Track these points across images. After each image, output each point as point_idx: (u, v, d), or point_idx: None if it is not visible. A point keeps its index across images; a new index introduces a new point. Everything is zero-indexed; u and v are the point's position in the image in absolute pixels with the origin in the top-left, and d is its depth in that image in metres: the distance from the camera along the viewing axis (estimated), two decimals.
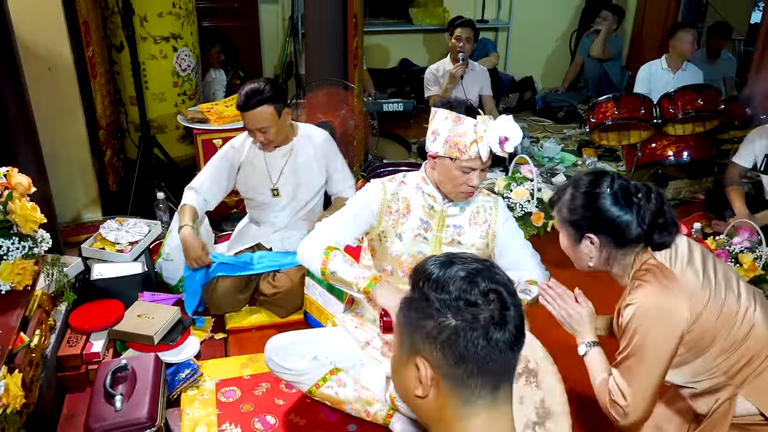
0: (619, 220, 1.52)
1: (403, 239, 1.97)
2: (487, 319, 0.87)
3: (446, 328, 0.87)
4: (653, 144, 4.00)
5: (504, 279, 0.92)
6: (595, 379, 1.64)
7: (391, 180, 2.03)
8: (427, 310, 0.89)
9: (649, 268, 1.52)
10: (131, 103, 3.70)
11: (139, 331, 2.27)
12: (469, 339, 0.86)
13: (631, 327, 1.48)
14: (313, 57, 3.84)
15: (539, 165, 4.50)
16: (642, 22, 6.08)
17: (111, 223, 2.81)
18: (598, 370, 1.64)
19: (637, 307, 1.48)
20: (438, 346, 0.87)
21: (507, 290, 0.90)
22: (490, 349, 0.86)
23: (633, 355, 1.48)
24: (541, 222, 3.31)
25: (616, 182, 1.56)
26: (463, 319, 0.87)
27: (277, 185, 2.63)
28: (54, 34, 3.03)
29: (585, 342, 1.68)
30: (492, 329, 0.87)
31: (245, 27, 5.42)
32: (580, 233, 1.59)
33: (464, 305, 0.87)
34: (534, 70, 6.21)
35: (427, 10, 5.83)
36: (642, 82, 4.50)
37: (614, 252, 1.57)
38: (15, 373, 1.61)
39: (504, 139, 1.80)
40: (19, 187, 1.85)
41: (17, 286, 1.83)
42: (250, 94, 2.40)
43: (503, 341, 0.87)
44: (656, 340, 1.46)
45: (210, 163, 2.66)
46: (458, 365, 0.87)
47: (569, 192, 1.61)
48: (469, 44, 4.38)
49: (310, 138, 2.64)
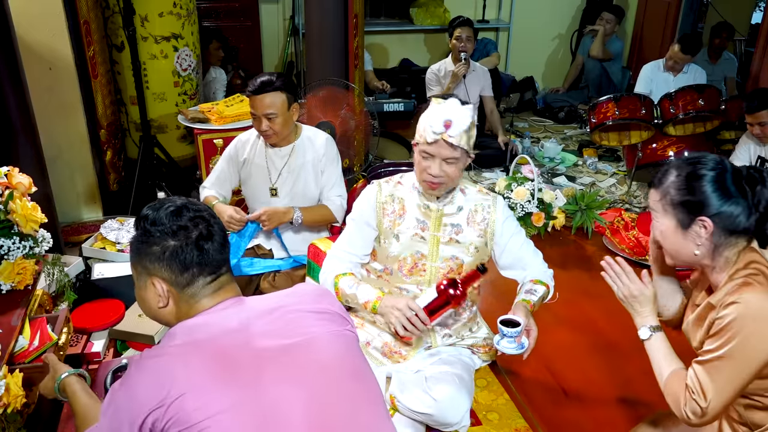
0: (737, 202, 1.42)
1: (400, 240, 1.96)
2: (196, 235, 1.21)
3: (168, 248, 1.20)
4: (654, 144, 4.00)
5: (204, 207, 1.28)
6: (662, 370, 1.53)
7: (388, 181, 2.02)
8: (151, 240, 1.21)
9: (760, 269, 1.42)
10: (132, 102, 3.70)
11: (139, 331, 2.27)
12: (186, 252, 1.20)
13: (732, 327, 1.38)
14: (313, 57, 3.84)
15: (540, 165, 4.50)
16: (643, 23, 6.08)
17: (112, 222, 2.81)
18: (663, 360, 1.54)
19: (744, 308, 1.36)
20: (165, 263, 1.21)
21: (208, 213, 1.26)
22: (204, 255, 1.21)
23: (727, 356, 1.38)
24: (542, 222, 3.31)
25: (727, 162, 1.46)
26: (178, 239, 1.20)
27: (276, 185, 2.62)
28: (55, 34, 3.04)
29: (647, 326, 1.57)
30: (202, 242, 1.21)
31: (246, 27, 5.42)
32: (691, 216, 1.45)
33: (177, 229, 1.21)
34: (535, 71, 6.21)
35: (427, 10, 5.83)
36: (643, 82, 4.51)
37: (724, 240, 1.45)
38: (16, 373, 1.61)
39: (448, 122, 1.77)
40: (20, 186, 1.85)
41: (18, 286, 1.83)
42: (265, 79, 2.41)
43: (213, 249, 1.23)
44: (757, 345, 1.36)
45: (219, 162, 2.70)
46: (183, 273, 1.21)
47: (677, 172, 1.48)
48: (470, 43, 4.39)
49: (311, 142, 2.62)
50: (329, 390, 1.17)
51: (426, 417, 1.84)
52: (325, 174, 2.60)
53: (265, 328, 1.19)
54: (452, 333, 2.02)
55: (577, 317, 2.69)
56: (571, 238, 3.44)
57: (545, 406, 2.24)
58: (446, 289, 1.79)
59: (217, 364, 1.11)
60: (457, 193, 1.97)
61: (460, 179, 1.93)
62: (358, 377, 1.23)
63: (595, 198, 3.50)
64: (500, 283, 2.90)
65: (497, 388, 2.23)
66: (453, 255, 1.94)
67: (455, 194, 1.96)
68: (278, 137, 2.51)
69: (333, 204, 2.60)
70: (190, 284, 1.22)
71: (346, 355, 1.24)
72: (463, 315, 2.04)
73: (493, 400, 2.18)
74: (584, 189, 4.17)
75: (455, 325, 2.02)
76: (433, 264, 1.95)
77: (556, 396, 2.28)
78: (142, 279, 1.25)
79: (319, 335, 1.22)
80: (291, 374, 1.14)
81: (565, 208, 3.46)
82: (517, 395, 2.25)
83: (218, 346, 1.14)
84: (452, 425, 1.84)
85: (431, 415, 1.82)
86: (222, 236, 1.26)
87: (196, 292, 1.23)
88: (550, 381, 2.32)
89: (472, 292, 2.05)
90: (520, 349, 1.77)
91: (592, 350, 2.50)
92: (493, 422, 2.09)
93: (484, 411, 2.13)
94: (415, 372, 1.93)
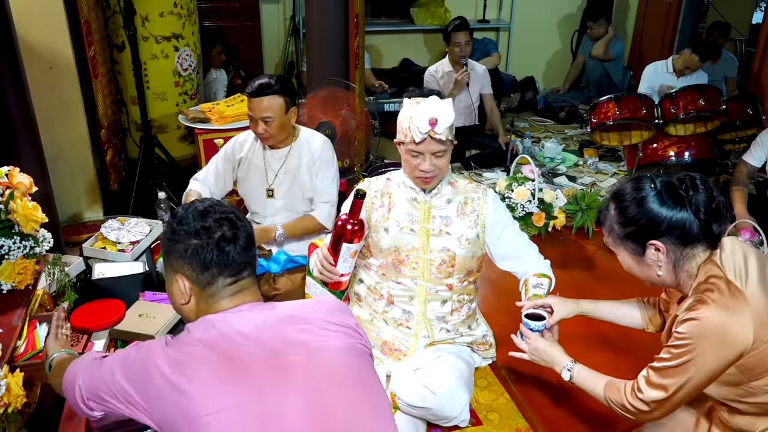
0: (675, 217, 1.44)
1: (390, 232, 1.98)
2: (219, 236, 1.24)
3: (190, 246, 1.24)
4: (655, 144, 4.00)
5: (232, 208, 1.30)
6: (596, 388, 1.63)
7: (378, 178, 2.07)
8: (176, 237, 1.26)
9: (717, 284, 1.42)
10: (132, 102, 3.70)
11: (140, 331, 2.27)
12: (206, 251, 1.23)
13: (685, 342, 1.40)
14: (314, 57, 3.84)
15: (540, 165, 4.50)
16: (643, 23, 6.08)
17: (112, 222, 2.81)
18: (593, 380, 1.64)
19: (696, 324, 1.39)
20: (187, 260, 1.24)
21: (236, 216, 1.29)
22: (224, 256, 1.24)
23: (679, 366, 1.41)
24: (542, 222, 3.31)
25: (657, 181, 1.49)
26: (200, 239, 1.24)
27: (273, 186, 2.62)
28: (56, 34, 3.04)
29: (563, 367, 1.70)
30: (223, 243, 1.24)
31: (246, 27, 5.42)
32: (641, 244, 1.50)
33: (201, 229, 1.24)
34: (535, 70, 6.21)
35: (428, 10, 5.83)
36: (646, 83, 4.51)
37: (681, 253, 1.47)
38: (16, 373, 1.61)
39: (433, 120, 1.78)
40: (21, 186, 1.85)
41: (18, 286, 1.83)
42: (263, 82, 2.40)
43: (234, 251, 1.25)
44: (707, 361, 1.39)
45: (214, 158, 2.67)
46: (203, 272, 1.24)
47: (613, 207, 1.54)
48: (469, 46, 4.39)
49: (309, 144, 2.61)
50: (333, 398, 1.17)
51: (425, 411, 1.85)
52: (318, 177, 2.58)
53: (279, 334, 1.21)
54: (450, 328, 2.03)
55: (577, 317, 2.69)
56: (571, 238, 3.44)
57: (546, 406, 2.24)
58: (337, 224, 1.83)
59: (226, 363, 1.13)
60: (446, 185, 1.98)
61: (449, 169, 1.97)
62: (365, 388, 1.24)
63: (596, 198, 3.49)
64: (500, 282, 2.91)
65: (498, 388, 2.23)
66: (444, 247, 1.95)
67: (443, 186, 1.97)
68: (275, 140, 2.51)
69: (320, 213, 2.59)
70: (211, 284, 1.25)
71: (355, 367, 1.25)
72: (462, 310, 2.04)
73: (493, 400, 2.18)
74: (585, 189, 4.17)
75: (453, 321, 2.03)
76: (425, 256, 1.96)
77: (556, 396, 2.28)
78: (169, 275, 1.30)
79: (331, 346, 1.23)
80: (298, 381, 1.15)
81: (566, 208, 3.45)
82: (517, 395, 2.26)
83: (230, 346, 1.17)
84: (451, 419, 1.85)
85: (430, 408, 1.83)
86: (247, 240, 1.28)
87: (216, 292, 1.26)
88: (550, 381, 2.32)
89: (468, 286, 2.04)
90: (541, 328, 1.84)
91: (593, 350, 2.50)
92: (493, 422, 2.09)
93: (484, 411, 2.13)
94: (415, 369, 1.94)
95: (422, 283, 1.98)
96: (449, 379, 1.84)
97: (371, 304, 2.07)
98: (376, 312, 2.06)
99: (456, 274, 1.99)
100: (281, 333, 1.21)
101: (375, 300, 2.06)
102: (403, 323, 2.01)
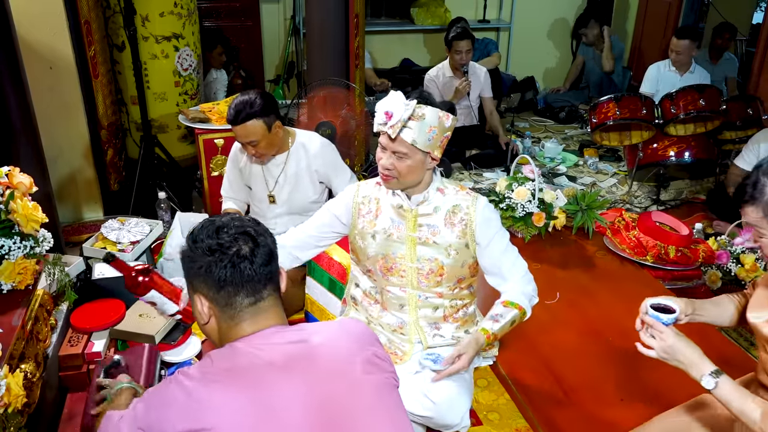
0: None
1: (376, 239, 1.93)
2: (233, 252, 1.19)
3: (204, 263, 1.19)
4: (655, 144, 4.00)
5: (252, 223, 1.25)
6: (747, 408, 1.37)
7: (368, 182, 2.01)
8: (192, 256, 1.22)
9: None
10: (133, 102, 3.70)
11: (140, 331, 2.27)
12: (219, 269, 1.18)
13: None
14: (314, 57, 3.84)
15: (541, 165, 4.50)
16: (643, 23, 6.08)
17: (112, 222, 2.81)
18: (744, 400, 1.38)
19: None
20: (202, 278, 1.20)
21: (255, 230, 1.23)
22: (238, 273, 1.18)
23: None
24: (543, 222, 3.31)
25: None
26: (213, 256, 1.19)
27: (273, 192, 2.63)
28: (55, 34, 3.04)
29: (706, 373, 1.41)
30: (237, 260, 1.18)
31: (247, 26, 5.42)
32: None
33: (214, 246, 1.19)
34: (535, 70, 6.21)
35: (428, 10, 5.82)
36: (649, 82, 4.50)
37: None
38: (16, 373, 1.61)
39: (388, 113, 1.78)
40: (21, 186, 1.85)
41: (19, 286, 1.83)
42: (239, 107, 2.36)
43: (250, 268, 1.19)
44: None
45: (226, 169, 2.74)
46: (219, 291, 1.20)
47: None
48: (470, 54, 4.39)
49: (305, 148, 2.60)
50: None
51: (426, 420, 1.84)
52: (335, 182, 2.63)
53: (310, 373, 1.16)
54: (443, 334, 2.00)
55: (577, 317, 2.69)
56: (571, 238, 3.44)
57: (545, 406, 2.24)
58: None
59: (253, 403, 1.09)
60: (434, 193, 1.91)
61: (419, 178, 1.86)
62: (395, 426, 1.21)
63: (596, 198, 3.49)
64: None
65: (498, 388, 2.23)
66: (431, 256, 1.90)
67: (431, 194, 1.90)
68: (267, 156, 2.54)
69: None
70: (229, 304, 1.21)
71: (392, 405, 1.23)
72: (457, 315, 2.01)
73: (493, 400, 2.18)
74: (585, 189, 4.17)
75: (447, 327, 2.00)
76: (412, 265, 1.91)
77: (556, 396, 2.28)
78: (191, 294, 1.27)
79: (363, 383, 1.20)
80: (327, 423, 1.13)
81: (566, 208, 3.45)
82: (517, 395, 2.25)
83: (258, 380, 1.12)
84: (452, 426, 1.84)
85: (431, 417, 1.81)
86: (266, 256, 1.22)
87: (235, 314, 1.21)
88: (550, 381, 2.32)
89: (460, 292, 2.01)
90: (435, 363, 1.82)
91: (593, 350, 2.50)
92: (493, 422, 2.09)
93: (484, 411, 2.13)
94: (414, 373, 1.92)
95: (411, 291, 1.94)
96: (449, 387, 1.82)
97: (367, 308, 2.05)
98: (372, 317, 2.04)
99: (445, 283, 1.93)
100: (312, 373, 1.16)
101: (370, 305, 2.04)
102: (397, 329, 1.99)
